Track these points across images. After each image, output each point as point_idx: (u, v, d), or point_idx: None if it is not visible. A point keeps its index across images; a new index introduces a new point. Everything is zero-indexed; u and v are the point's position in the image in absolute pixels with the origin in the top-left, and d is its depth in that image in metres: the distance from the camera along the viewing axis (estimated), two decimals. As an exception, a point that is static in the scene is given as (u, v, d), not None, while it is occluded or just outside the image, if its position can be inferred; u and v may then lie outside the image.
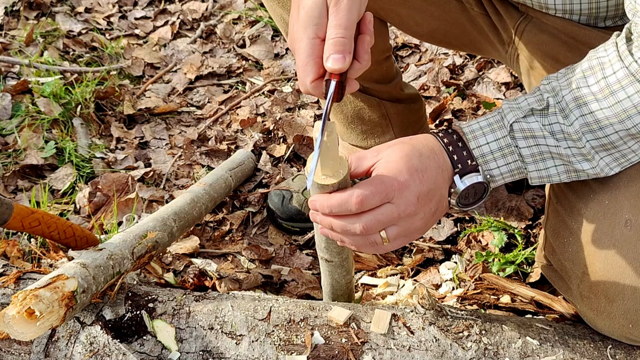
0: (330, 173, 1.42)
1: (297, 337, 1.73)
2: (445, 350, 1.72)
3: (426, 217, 1.52)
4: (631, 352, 1.75)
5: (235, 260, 2.47)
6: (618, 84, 1.43)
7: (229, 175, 2.66)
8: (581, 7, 1.75)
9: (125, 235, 1.96)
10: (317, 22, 1.39)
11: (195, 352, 1.74)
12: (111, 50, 3.80)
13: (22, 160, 2.91)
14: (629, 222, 1.57)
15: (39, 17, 4.05)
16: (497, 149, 1.55)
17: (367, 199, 1.42)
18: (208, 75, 3.67)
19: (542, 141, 1.53)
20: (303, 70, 1.39)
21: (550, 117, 1.51)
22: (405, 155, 1.49)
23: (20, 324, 1.51)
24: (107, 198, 2.73)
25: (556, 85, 1.52)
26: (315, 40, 1.39)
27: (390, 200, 1.45)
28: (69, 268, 1.69)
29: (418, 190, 1.47)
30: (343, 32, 1.37)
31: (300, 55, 1.40)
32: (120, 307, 1.79)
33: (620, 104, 1.44)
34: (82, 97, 3.22)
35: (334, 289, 1.96)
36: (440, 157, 1.53)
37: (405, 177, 1.45)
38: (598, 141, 1.50)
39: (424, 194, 1.48)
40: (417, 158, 1.49)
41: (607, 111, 1.45)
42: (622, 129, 1.46)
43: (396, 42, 3.74)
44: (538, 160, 1.56)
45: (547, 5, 1.78)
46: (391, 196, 1.44)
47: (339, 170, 1.42)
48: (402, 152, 1.49)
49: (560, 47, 1.81)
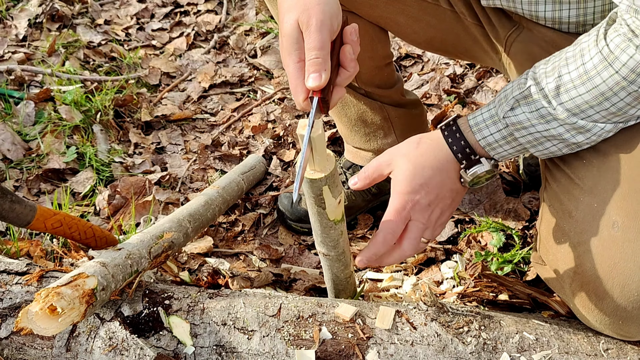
0: (318, 168, 1.50)
1: (305, 333, 1.74)
2: (446, 345, 1.72)
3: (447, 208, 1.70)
4: (623, 347, 1.74)
5: (247, 260, 2.47)
6: (594, 69, 1.48)
7: (241, 178, 2.66)
8: (569, 13, 1.76)
9: (143, 235, 1.96)
10: (297, 47, 1.46)
11: (209, 346, 1.74)
12: (129, 60, 3.80)
13: (45, 164, 2.92)
14: (616, 223, 1.57)
15: (60, 28, 4.05)
16: (500, 138, 1.65)
17: (395, 230, 1.61)
18: (221, 84, 3.67)
19: (533, 129, 1.60)
20: (294, 91, 1.46)
21: (536, 103, 1.57)
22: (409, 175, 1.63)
23: (43, 320, 1.51)
24: (126, 200, 2.73)
25: (541, 72, 1.58)
26: (300, 64, 1.46)
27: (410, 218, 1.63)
28: (89, 267, 1.70)
29: (427, 200, 1.63)
30: (316, 52, 1.42)
31: (290, 79, 1.48)
32: (138, 304, 1.79)
33: (597, 89, 1.49)
34: (101, 105, 3.22)
35: (335, 284, 1.98)
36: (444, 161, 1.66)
37: (412, 197, 1.62)
38: (584, 121, 1.55)
39: (433, 199, 1.64)
40: (420, 174, 1.63)
41: (585, 96, 1.51)
42: (602, 110, 1.52)
43: (399, 53, 3.73)
44: (536, 144, 1.64)
45: (537, 14, 1.79)
46: (409, 216, 1.62)
47: (326, 165, 1.50)
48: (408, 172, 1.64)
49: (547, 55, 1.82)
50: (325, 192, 1.53)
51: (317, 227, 1.69)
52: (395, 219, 1.61)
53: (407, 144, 1.69)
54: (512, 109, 1.59)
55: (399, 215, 1.60)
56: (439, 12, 2.01)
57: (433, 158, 1.65)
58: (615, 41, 1.44)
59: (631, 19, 1.41)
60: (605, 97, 1.49)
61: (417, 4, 2.00)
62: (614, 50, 1.44)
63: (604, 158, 1.63)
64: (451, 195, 1.69)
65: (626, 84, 1.45)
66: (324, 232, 1.69)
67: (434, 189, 1.64)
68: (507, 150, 1.67)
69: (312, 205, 1.59)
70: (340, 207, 1.61)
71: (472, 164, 1.67)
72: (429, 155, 1.65)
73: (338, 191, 1.56)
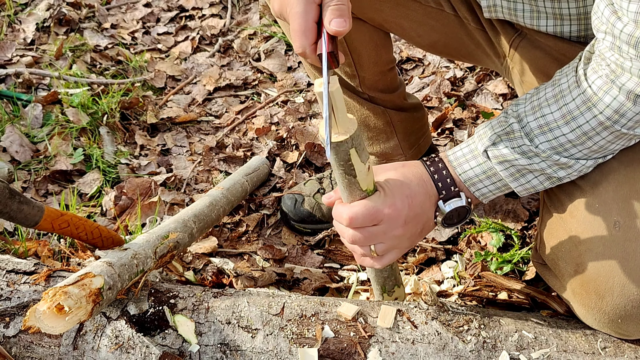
0: (342, 130, 1.40)
1: (308, 331, 1.74)
2: (447, 343, 1.72)
3: (413, 237, 1.67)
4: (620, 345, 1.74)
5: (251, 259, 2.47)
6: (577, 110, 1.49)
7: (245, 180, 2.66)
8: (571, 28, 1.77)
9: (149, 236, 1.96)
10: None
11: (213, 345, 1.74)
12: (135, 63, 3.80)
13: (53, 166, 2.92)
14: (617, 223, 1.57)
15: (68, 32, 4.06)
16: (480, 173, 1.64)
17: (357, 220, 1.56)
18: (226, 86, 3.67)
19: (516, 162, 1.59)
20: (302, 34, 1.40)
21: (517, 140, 1.57)
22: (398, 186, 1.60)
23: (50, 319, 1.52)
24: (132, 201, 2.73)
25: (522, 111, 1.59)
26: (312, 6, 1.40)
27: (378, 223, 1.57)
28: (96, 266, 1.70)
29: (406, 215, 1.59)
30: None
31: (297, 19, 1.40)
32: (143, 303, 1.79)
33: (580, 128, 1.50)
34: (108, 107, 3.22)
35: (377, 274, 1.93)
36: (428, 185, 1.64)
37: (397, 205, 1.58)
38: (566, 158, 1.57)
39: (411, 217, 1.61)
40: (408, 185, 1.60)
41: (569, 135, 1.52)
42: (584, 148, 1.54)
43: (401, 56, 3.74)
44: (518, 177, 1.63)
45: (539, 28, 1.79)
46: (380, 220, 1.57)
47: (349, 126, 1.40)
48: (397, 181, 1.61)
49: (551, 63, 1.82)
50: (354, 156, 1.43)
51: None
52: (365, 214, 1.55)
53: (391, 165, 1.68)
54: (494, 143, 1.60)
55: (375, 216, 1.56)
56: (442, 17, 2.01)
57: (419, 178, 1.64)
58: (597, 83, 1.46)
59: (614, 57, 1.41)
60: (588, 136, 1.51)
61: (421, 9, 2.00)
62: (597, 92, 1.46)
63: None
64: (422, 225, 1.67)
65: (609, 124, 1.48)
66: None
67: (416, 207, 1.61)
68: (487, 187, 1.66)
69: (342, 177, 1.50)
70: (370, 174, 1.53)
71: (451, 197, 1.65)
72: (414, 175, 1.64)
73: (366, 155, 1.46)
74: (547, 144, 1.55)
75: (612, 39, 1.40)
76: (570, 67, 1.55)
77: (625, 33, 1.35)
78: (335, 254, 2.49)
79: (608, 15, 1.39)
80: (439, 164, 1.66)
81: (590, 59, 1.50)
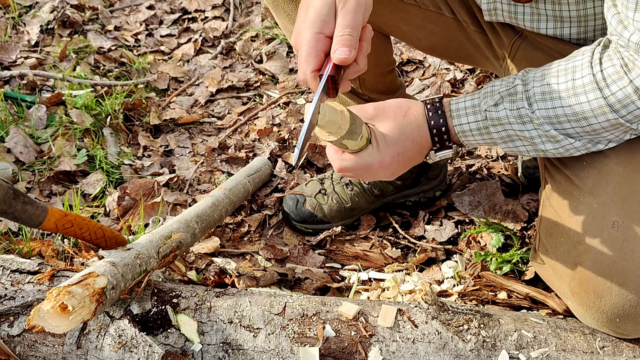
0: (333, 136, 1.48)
1: (310, 330, 1.74)
2: (447, 343, 1.72)
3: (395, 173, 1.70)
4: (618, 344, 1.74)
5: (253, 259, 2.47)
6: (582, 87, 1.49)
7: (247, 180, 2.67)
8: (570, 31, 1.77)
9: (151, 236, 1.97)
10: (325, 19, 1.45)
11: (215, 344, 1.74)
12: (138, 65, 3.81)
13: (56, 166, 2.92)
14: (616, 223, 1.58)
15: (72, 34, 4.06)
16: (475, 129, 1.66)
17: (346, 171, 1.66)
18: (228, 88, 3.67)
19: (509, 127, 1.61)
20: (305, 60, 1.46)
21: (518, 102, 1.58)
22: (393, 141, 1.63)
23: (54, 318, 1.52)
24: (135, 202, 2.73)
25: (531, 76, 1.59)
26: (320, 35, 1.45)
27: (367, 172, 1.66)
28: (99, 266, 1.70)
29: (394, 168, 1.66)
30: (350, 30, 1.43)
31: (303, 47, 1.46)
32: (146, 303, 1.79)
33: (579, 105, 1.50)
34: (111, 109, 3.22)
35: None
36: (424, 138, 1.67)
37: (386, 162, 1.63)
38: (556, 132, 1.57)
39: (399, 168, 1.68)
40: (402, 143, 1.64)
41: (567, 109, 1.52)
42: (577, 126, 1.54)
43: (401, 58, 3.74)
44: (508, 141, 1.65)
45: (539, 30, 1.80)
46: (368, 171, 1.65)
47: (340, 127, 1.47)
48: (392, 137, 1.63)
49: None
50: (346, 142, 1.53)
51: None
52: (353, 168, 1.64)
53: (394, 109, 1.68)
54: (495, 104, 1.60)
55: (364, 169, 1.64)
56: (442, 21, 2.01)
57: (416, 132, 1.65)
58: (608, 71, 1.46)
59: (627, 53, 1.42)
60: (585, 116, 1.51)
61: (421, 13, 2.01)
62: (606, 78, 1.46)
63: (604, 160, 1.64)
64: (407, 167, 1.72)
65: (608, 110, 1.48)
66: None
67: (405, 161, 1.67)
68: (477, 141, 1.69)
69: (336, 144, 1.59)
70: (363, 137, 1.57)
71: (442, 148, 1.69)
72: (413, 127, 1.65)
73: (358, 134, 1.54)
74: (544, 112, 1.55)
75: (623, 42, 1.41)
76: (587, 48, 1.55)
77: (633, 42, 1.36)
78: (336, 254, 2.49)
79: (615, 25, 1.40)
80: (439, 115, 1.67)
81: (608, 46, 1.50)
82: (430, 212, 2.66)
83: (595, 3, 1.68)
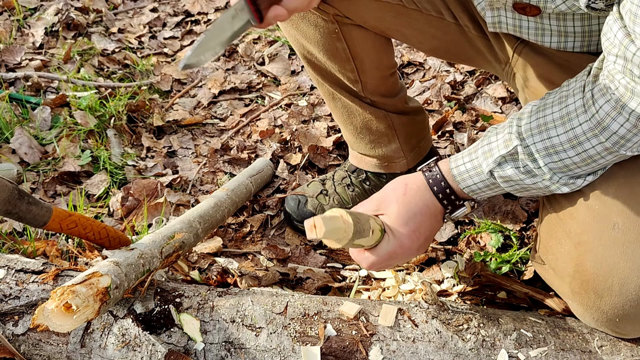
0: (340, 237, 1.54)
1: (311, 330, 1.74)
2: (447, 342, 1.72)
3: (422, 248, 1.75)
4: (616, 344, 1.74)
5: (255, 259, 2.47)
6: (584, 135, 1.50)
7: (250, 181, 2.66)
8: (574, 44, 1.77)
9: (155, 236, 1.97)
10: None
11: (218, 343, 1.74)
12: (142, 67, 3.81)
13: (61, 167, 2.92)
14: (617, 225, 1.58)
15: (76, 37, 4.06)
16: (484, 187, 1.68)
17: (374, 266, 1.71)
18: (230, 90, 3.67)
19: (520, 182, 1.62)
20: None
21: (521, 161, 1.59)
22: (403, 222, 1.68)
23: (59, 317, 1.52)
24: (138, 202, 2.73)
25: (527, 129, 1.59)
26: None
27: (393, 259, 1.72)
28: (103, 266, 1.70)
29: (417, 245, 1.70)
30: None
31: None
32: (149, 302, 1.79)
33: (586, 152, 1.52)
34: (115, 110, 3.23)
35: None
36: (432, 207, 1.71)
37: (405, 243, 1.68)
38: (568, 176, 1.59)
39: (422, 242, 1.72)
40: (413, 220, 1.69)
41: (575, 158, 1.53)
42: (588, 169, 1.57)
43: (402, 61, 3.74)
44: (522, 191, 1.67)
45: (543, 43, 1.80)
46: (394, 258, 1.70)
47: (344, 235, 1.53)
48: (401, 219, 1.68)
49: (554, 68, 1.82)
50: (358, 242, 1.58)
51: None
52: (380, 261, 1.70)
53: (393, 191, 1.73)
54: (499, 164, 1.61)
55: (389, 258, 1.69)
56: (443, 25, 2.01)
57: (422, 204, 1.70)
58: (605, 108, 1.45)
59: (624, 80, 1.40)
60: (593, 159, 1.53)
61: (422, 18, 2.00)
62: (604, 119, 1.45)
63: None
64: (431, 237, 1.76)
65: (615, 149, 1.49)
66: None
67: (424, 233, 1.70)
68: (487, 194, 1.71)
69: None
70: (375, 233, 1.62)
71: (456, 209, 1.73)
72: (417, 201, 1.69)
73: (367, 231, 1.58)
74: (552, 165, 1.56)
75: (623, 62, 1.39)
76: (577, 82, 1.54)
77: (638, 57, 1.35)
78: (337, 254, 2.49)
79: (621, 38, 1.37)
80: (441, 182, 1.70)
81: (598, 76, 1.49)
82: (430, 212, 2.66)
83: (601, 20, 1.68)
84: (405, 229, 1.66)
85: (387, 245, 1.67)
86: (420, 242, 1.70)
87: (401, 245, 1.67)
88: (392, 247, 1.67)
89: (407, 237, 1.67)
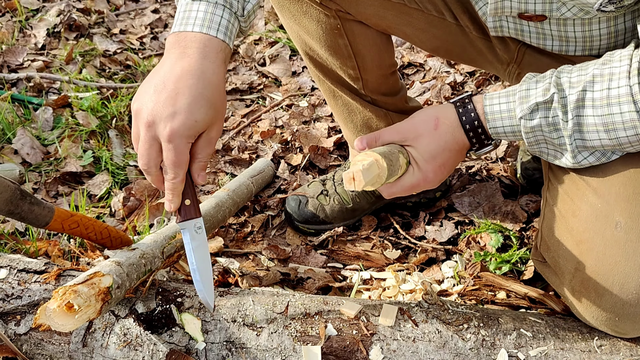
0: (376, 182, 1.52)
1: (312, 329, 1.74)
2: (447, 341, 1.72)
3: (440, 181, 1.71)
4: (616, 343, 1.74)
5: (256, 259, 2.47)
6: (617, 98, 1.46)
7: (251, 182, 2.67)
8: (576, 49, 1.77)
9: (156, 236, 1.97)
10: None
11: (219, 342, 1.74)
12: (143, 68, 3.81)
13: (63, 168, 2.93)
14: (619, 224, 1.58)
15: (78, 38, 4.07)
16: (509, 131, 1.64)
17: (395, 194, 1.68)
18: (232, 90, 3.67)
19: (540, 133, 1.59)
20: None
21: (553, 110, 1.55)
22: (431, 157, 1.65)
23: (61, 317, 1.52)
24: (140, 202, 2.74)
25: (565, 80, 1.55)
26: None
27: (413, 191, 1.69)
28: (105, 266, 1.70)
29: (439, 179, 1.67)
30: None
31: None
32: (151, 302, 1.79)
33: (611, 116, 1.47)
34: (117, 111, 3.23)
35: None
36: (461, 142, 1.67)
37: (430, 177, 1.65)
38: (582, 142, 1.55)
39: (445, 176, 1.69)
40: (441, 155, 1.65)
41: (597, 119, 1.49)
42: (605, 138, 1.51)
43: (402, 62, 3.74)
44: (534, 143, 1.63)
45: (545, 47, 1.80)
46: (414, 190, 1.68)
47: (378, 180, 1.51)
48: (429, 154, 1.65)
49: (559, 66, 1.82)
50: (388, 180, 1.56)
51: None
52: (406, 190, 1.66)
53: (423, 124, 1.67)
54: (532, 112, 1.57)
55: (412, 189, 1.67)
56: (444, 25, 2.01)
57: (452, 140, 1.65)
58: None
59: None
60: (614, 127, 1.49)
61: (424, 17, 2.00)
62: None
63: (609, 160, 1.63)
64: (454, 169, 1.75)
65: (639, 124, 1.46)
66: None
67: (449, 167, 1.68)
68: (508, 138, 1.68)
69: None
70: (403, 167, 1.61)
71: (482, 147, 1.69)
72: (448, 137, 1.65)
73: (397, 169, 1.57)
74: (576, 120, 1.53)
75: None
76: (624, 53, 1.52)
77: None
78: (338, 254, 2.49)
79: None
80: (473, 117, 1.65)
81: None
82: (430, 212, 2.66)
83: (601, 25, 1.68)
84: (432, 163, 1.64)
85: (410, 178, 1.64)
86: (443, 175, 1.68)
87: (425, 179, 1.64)
88: (416, 179, 1.64)
89: (432, 172, 1.64)
